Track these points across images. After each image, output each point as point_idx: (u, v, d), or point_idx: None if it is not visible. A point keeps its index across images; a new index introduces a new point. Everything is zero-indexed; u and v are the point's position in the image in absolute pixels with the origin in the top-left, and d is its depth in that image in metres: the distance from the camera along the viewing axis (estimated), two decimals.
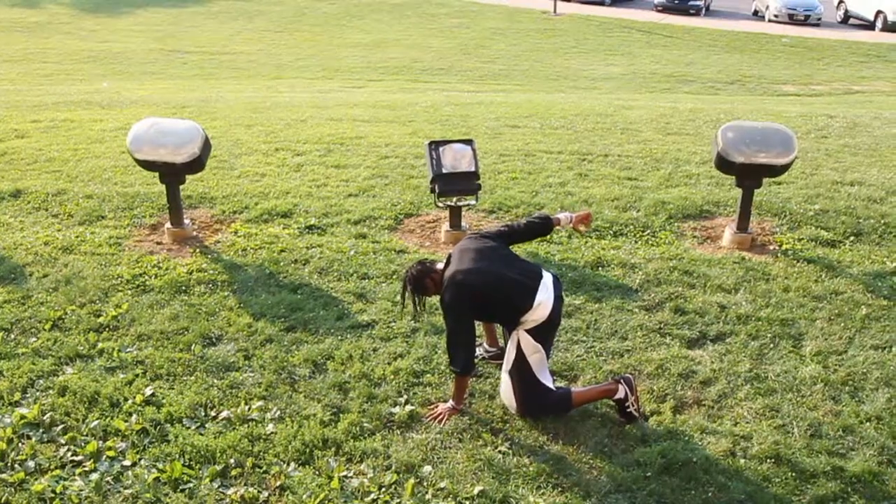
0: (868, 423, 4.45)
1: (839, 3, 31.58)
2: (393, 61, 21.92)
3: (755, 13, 32.24)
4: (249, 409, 4.49)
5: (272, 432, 4.30)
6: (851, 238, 6.82)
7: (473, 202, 6.89)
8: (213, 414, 4.46)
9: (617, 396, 4.41)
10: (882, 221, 7.08)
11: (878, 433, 4.37)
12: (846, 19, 31.04)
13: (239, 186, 7.84)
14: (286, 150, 9.23)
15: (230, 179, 8.07)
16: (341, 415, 4.45)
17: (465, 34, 26.89)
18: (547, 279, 4.43)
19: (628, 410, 4.41)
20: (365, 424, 4.38)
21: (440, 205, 6.71)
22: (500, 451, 4.19)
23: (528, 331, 4.36)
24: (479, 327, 5.13)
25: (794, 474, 4.06)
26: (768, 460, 4.16)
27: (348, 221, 7.03)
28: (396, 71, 20.76)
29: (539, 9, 31.26)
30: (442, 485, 3.94)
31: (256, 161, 8.76)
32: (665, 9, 31.72)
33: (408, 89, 17.39)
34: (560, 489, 3.95)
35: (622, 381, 4.42)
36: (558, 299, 4.43)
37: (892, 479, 4.04)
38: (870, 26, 29.61)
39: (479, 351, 4.98)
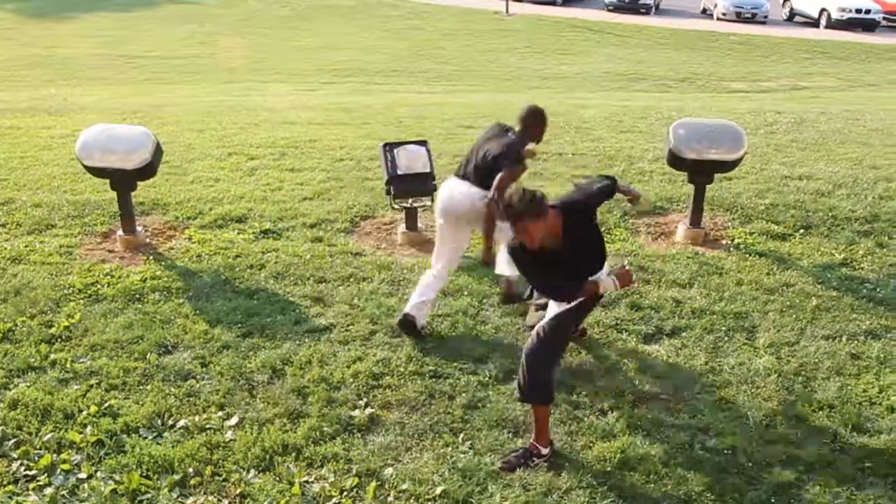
0: (821, 412, 4.55)
1: (784, 2, 32.17)
2: (346, 63, 21.80)
3: (703, 11, 32.68)
4: (208, 416, 4.44)
5: (231, 439, 4.25)
6: (801, 231, 6.96)
7: (429, 203, 6.88)
8: (170, 423, 4.40)
9: None
10: (830, 214, 7.23)
11: (831, 421, 4.46)
12: (791, 17, 31.61)
13: (192, 192, 7.74)
14: (239, 154, 9.13)
15: (183, 185, 7.97)
16: (301, 420, 4.42)
17: (418, 36, 26.85)
18: None
19: None
20: (325, 429, 4.35)
21: (396, 207, 6.70)
22: (461, 452, 4.20)
23: None
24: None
25: (750, 464, 4.13)
26: (725, 451, 4.22)
27: (304, 225, 6.98)
28: (350, 73, 20.64)
29: (491, 9, 31.33)
30: (404, 486, 3.93)
31: (209, 166, 8.66)
32: (616, 8, 32.01)
33: (361, 91, 17.32)
34: (522, 487, 3.97)
35: None
36: None
37: (846, 466, 4.13)
38: (814, 23, 30.21)
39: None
